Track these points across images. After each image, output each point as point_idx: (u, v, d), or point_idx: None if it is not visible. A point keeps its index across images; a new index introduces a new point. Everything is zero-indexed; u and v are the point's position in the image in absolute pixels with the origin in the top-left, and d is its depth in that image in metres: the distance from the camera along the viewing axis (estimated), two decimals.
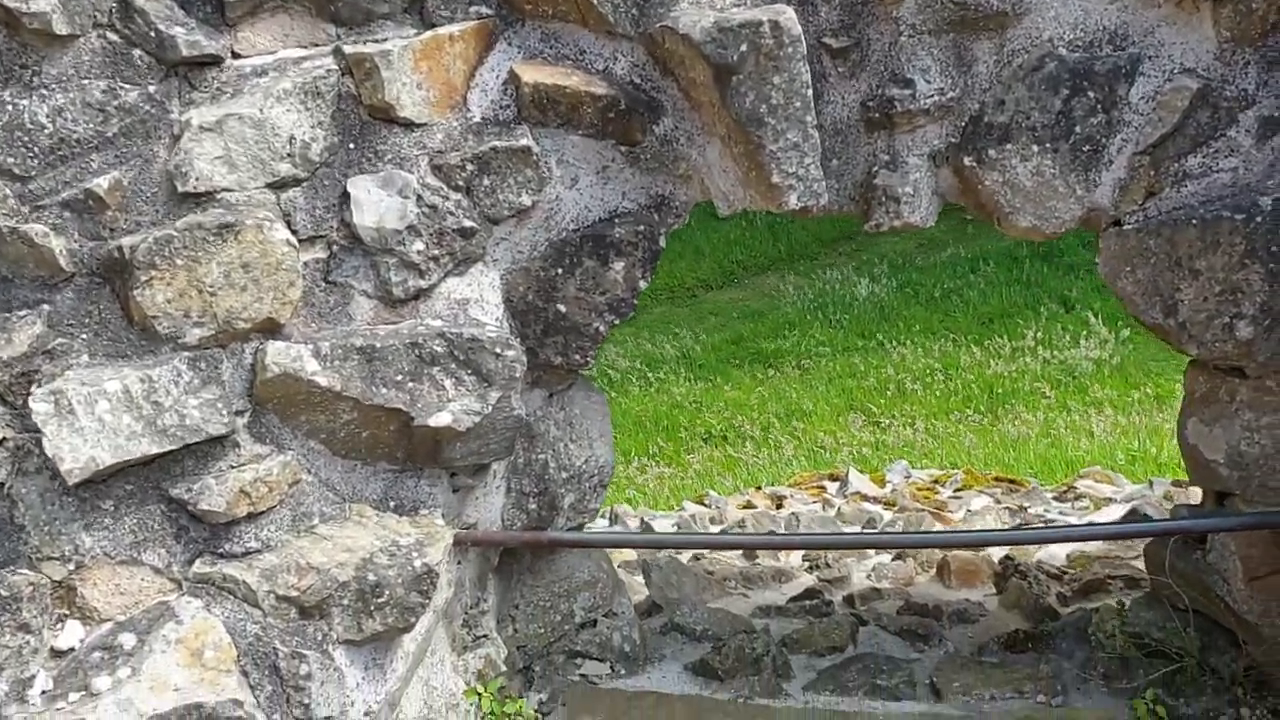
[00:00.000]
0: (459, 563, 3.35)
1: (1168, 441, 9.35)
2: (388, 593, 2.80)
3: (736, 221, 18.34)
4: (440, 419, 3.01)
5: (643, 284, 3.35)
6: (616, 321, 3.36)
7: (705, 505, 7.45)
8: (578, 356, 3.37)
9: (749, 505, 7.08)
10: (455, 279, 3.22)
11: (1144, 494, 6.61)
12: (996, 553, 5.27)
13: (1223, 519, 3.15)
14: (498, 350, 3.07)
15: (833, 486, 7.46)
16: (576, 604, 3.77)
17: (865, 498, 6.85)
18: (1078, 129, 3.09)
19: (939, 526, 5.76)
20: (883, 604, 4.39)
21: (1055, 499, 6.59)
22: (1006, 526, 5.72)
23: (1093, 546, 5.22)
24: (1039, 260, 14.61)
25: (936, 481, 7.21)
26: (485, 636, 3.46)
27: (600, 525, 6.69)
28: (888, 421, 11.29)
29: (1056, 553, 5.29)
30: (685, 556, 5.41)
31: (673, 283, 17.27)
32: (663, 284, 17.04)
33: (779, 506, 7.01)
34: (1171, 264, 3.05)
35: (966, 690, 3.49)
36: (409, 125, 3.20)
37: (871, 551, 5.44)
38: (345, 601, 2.79)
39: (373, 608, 2.80)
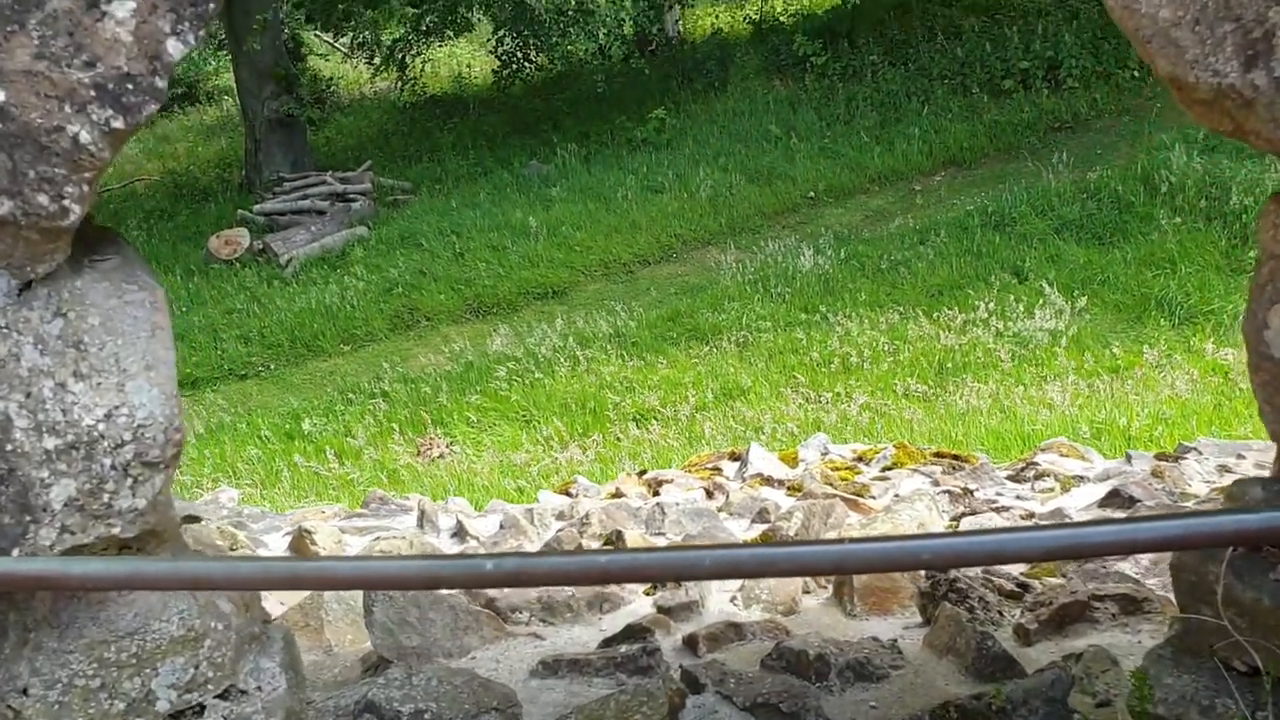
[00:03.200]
0: None
1: (1137, 415, 8.02)
2: None
3: (676, 193, 17.02)
4: None
5: (176, 46, 1.65)
6: (121, 125, 1.66)
7: (570, 494, 5.78)
8: (43, 196, 1.66)
9: (617, 494, 5.41)
10: None
11: (1123, 469, 5.03)
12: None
13: None
14: None
15: (731, 467, 5.81)
16: (158, 679, 2.07)
17: (767, 480, 5.21)
18: None
19: (852, 518, 4.13)
20: (741, 650, 2.74)
21: (1010, 478, 4.97)
22: (946, 524, 4.08)
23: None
24: (990, 229, 13.54)
25: (860, 459, 5.57)
26: None
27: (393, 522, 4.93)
28: (827, 397, 10.12)
29: None
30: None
31: (608, 259, 15.97)
32: (597, 260, 15.83)
33: (655, 494, 5.34)
34: None
35: None
36: None
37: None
38: None
39: None
